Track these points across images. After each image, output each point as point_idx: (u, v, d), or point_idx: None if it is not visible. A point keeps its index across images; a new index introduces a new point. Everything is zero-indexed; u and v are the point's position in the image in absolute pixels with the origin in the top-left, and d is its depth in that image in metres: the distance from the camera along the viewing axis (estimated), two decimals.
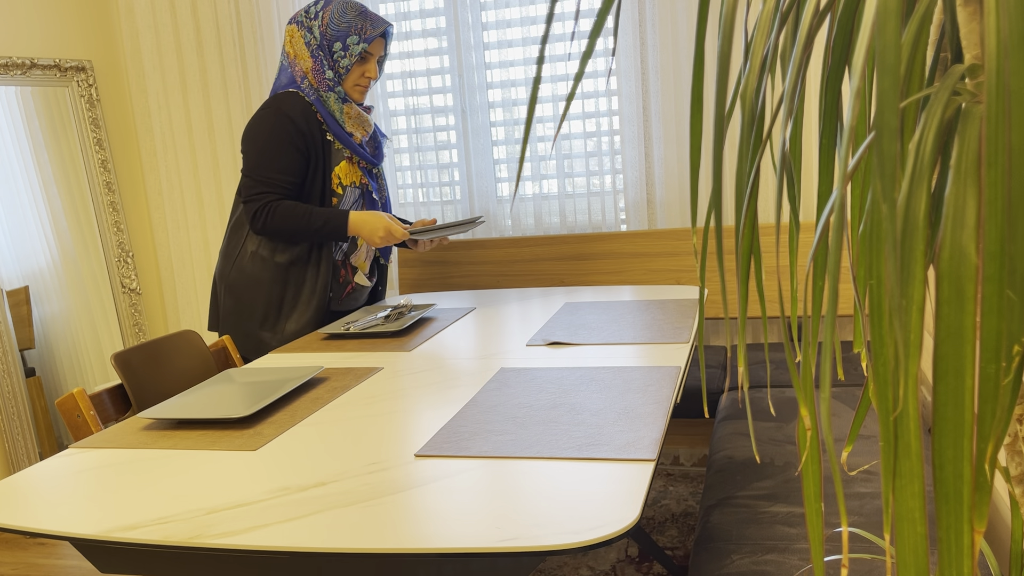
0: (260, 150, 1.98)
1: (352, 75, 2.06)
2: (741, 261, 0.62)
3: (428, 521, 0.93)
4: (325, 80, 2.04)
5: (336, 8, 2.03)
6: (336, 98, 2.06)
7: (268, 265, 2.03)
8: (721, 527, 1.40)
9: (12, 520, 1.02)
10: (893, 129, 0.44)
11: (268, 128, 1.98)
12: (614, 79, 2.62)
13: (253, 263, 2.03)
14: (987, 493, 0.47)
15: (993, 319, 0.46)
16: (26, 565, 2.34)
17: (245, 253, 2.05)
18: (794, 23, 0.64)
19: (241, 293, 2.04)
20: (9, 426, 2.56)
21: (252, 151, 1.99)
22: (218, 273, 2.11)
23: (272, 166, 1.98)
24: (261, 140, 1.98)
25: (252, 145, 2.00)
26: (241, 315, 2.04)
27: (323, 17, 2.03)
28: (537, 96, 0.58)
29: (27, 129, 2.65)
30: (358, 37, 2.02)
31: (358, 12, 2.04)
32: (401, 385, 1.47)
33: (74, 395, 1.46)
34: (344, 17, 2.02)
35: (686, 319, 1.78)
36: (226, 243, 2.10)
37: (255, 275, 2.03)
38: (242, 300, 2.04)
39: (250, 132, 2.01)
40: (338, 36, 2.02)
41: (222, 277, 2.08)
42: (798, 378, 0.56)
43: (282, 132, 1.98)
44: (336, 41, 2.02)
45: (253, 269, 2.03)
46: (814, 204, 2.57)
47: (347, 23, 2.02)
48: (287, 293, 2.04)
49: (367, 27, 2.03)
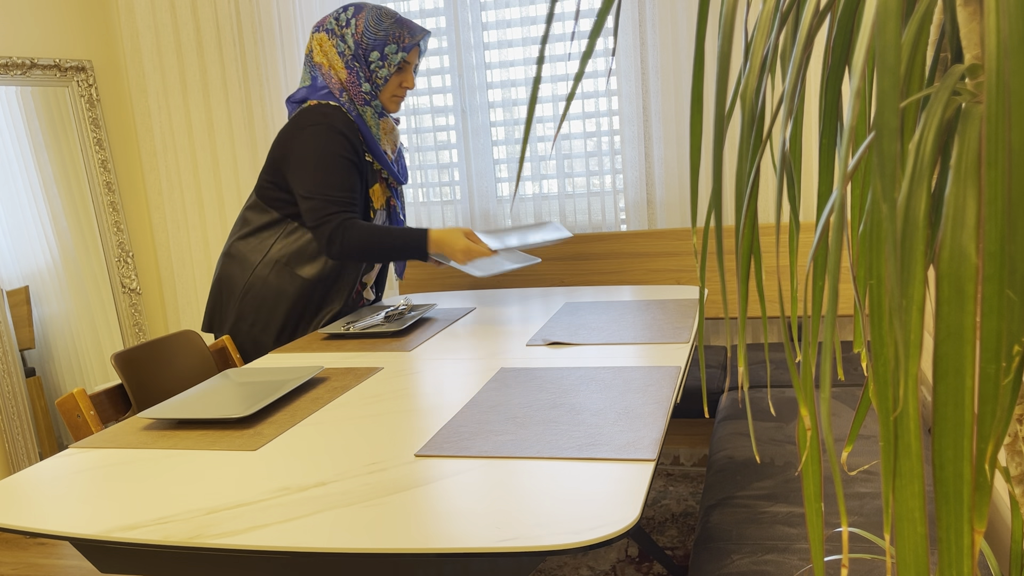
0: (323, 169, 1.87)
1: (390, 86, 1.97)
2: (741, 261, 0.62)
3: (428, 521, 0.93)
4: (362, 94, 1.95)
5: (370, 16, 1.93)
6: (373, 112, 1.97)
7: (294, 279, 1.95)
8: (721, 527, 1.40)
9: (12, 520, 1.02)
10: (893, 129, 0.44)
11: (325, 145, 1.88)
12: (614, 79, 2.62)
13: (279, 276, 1.95)
14: (987, 493, 0.47)
15: (993, 319, 0.46)
16: (26, 565, 2.34)
17: (269, 263, 1.96)
18: (794, 23, 0.64)
19: (260, 304, 1.96)
20: (9, 426, 2.56)
21: (311, 171, 1.88)
22: (227, 277, 2.01)
23: (339, 184, 1.88)
24: (320, 158, 1.88)
25: (308, 164, 1.88)
26: (256, 325, 1.97)
27: (356, 25, 1.93)
28: (537, 96, 0.58)
29: (27, 129, 2.65)
30: (396, 46, 1.92)
31: (394, 19, 1.94)
32: (401, 385, 1.47)
33: (74, 395, 1.46)
34: (380, 25, 1.92)
35: (686, 319, 1.78)
36: (243, 247, 2.00)
37: (279, 287, 1.95)
38: (260, 311, 1.96)
39: (303, 150, 1.90)
40: (375, 45, 1.92)
41: (233, 281, 1.99)
42: (798, 378, 0.56)
43: (340, 148, 1.89)
44: (373, 51, 1.93)
45: (279, 282, 1.95)
46: (814, 204, 2.57)
47: (384, 31, 1.92)
48: (308, 308, 1.98)
49: (405, 35, 1.93)
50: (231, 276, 2.00)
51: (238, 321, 1.99)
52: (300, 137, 1.90)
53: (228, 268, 2.01)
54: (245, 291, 1.98)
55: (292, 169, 1.91)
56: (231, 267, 2.01)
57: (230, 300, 2.00)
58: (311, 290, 1.97)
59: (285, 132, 1.95)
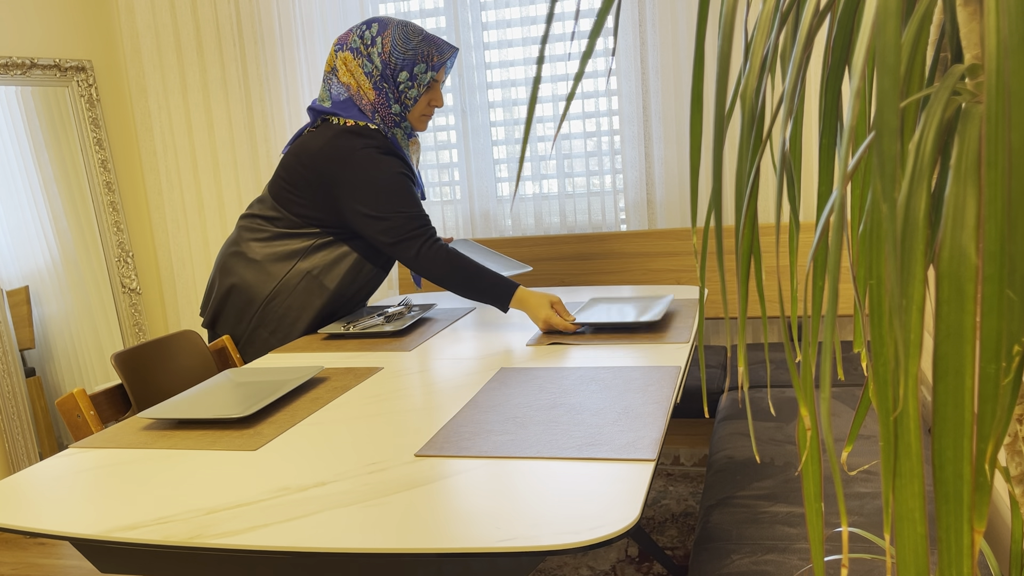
0: (392, 188, 1.84)
1: (419, 106, 1.93)
2: (741, 261, 0.62)
3: (428, 521, 0.93)
4: (391, 115, 1.90)
5: (397, 34, 1.87)
6: (403, 134, 1.94)
7: (323, 291, 1.92)
8: (721, 527, 1.40)
9: (12, 520, 1.02)
10: (893, 129, 0.44)
11: (387, 165, 1.84)
12: (614, 79, 2.62)
13: (308, 287, 1.91)
14: (987, 493, 0.48)
15: (993, 319, 0.46)
16: (26, 565, 2.34)
17: (299, 273, 1.91)
18: (794, 23, 0.64)
19: (285, 313, 1.92)
20: (9, 426, 2.56)
21: (379, 191, 1.84)
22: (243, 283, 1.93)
23: (413, 201, 1.85)
24: (386, 178, 1.83)
25: (373, 186, 1.84)
26: (276, 334, 1.93)
27: (383, 44, 1.86)
28: (537, 96, 0.58)
29: (27, 129, 2.65)
30: (425, 65, 1.87)
31: (422, 37, 1.88)
32: (401, 385, 1.47)
33: (74, 395, 1.46)
34: (408, 44, 1.86)
35: (686, 319, 1.78)
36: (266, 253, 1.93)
37: (307, 299, 1.92)
38: (284, 320, 1.92)
39: (363, 173, 1.84)
40: (404, 65, 1.87)
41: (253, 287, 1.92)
42: (798, 378, 0.56)
43: (399, 167, 1.86)
44: (402, 71, 1.87)
45: (307, 293, 1.91)
46: (814, 204, 2.57)
47: (413, 50, 1.86)
48: (328, 320, 1.97)
49: (434, 54, 1.88)
50: (247, 281, 1.93)
51: (258, 328, 1.93)
52: (353, 159, 1.84)
53: (245, 273, 1.93)
54: (270, 298, 1.91)
55: (352, 191, 1.85)
56: (249, 271, 1.93)
57: (248, 305, 1.93)
58: (336, 302, 1.95)
59: (326, 152, 1.86)
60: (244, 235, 1.96)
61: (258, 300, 1.93)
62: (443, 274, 1.82)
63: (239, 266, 1.94)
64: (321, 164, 1.86)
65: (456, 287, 1.83)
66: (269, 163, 2.93)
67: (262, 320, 1.93)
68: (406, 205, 1.84)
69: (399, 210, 1.83)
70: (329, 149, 1.86)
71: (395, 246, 1.85)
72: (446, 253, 1.82)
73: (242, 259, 1.94)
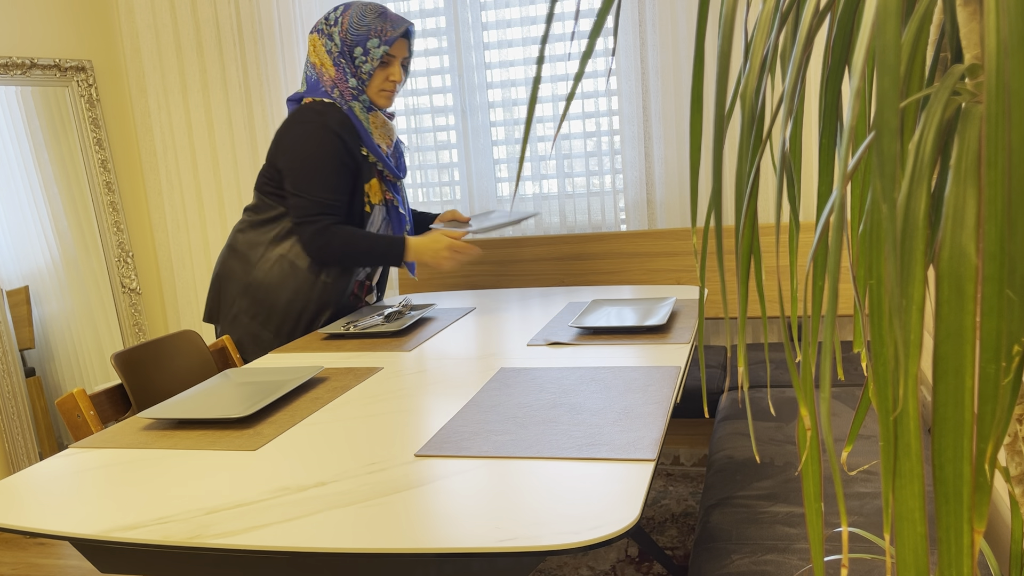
0: (312, 168, 1.93)
1: (376, 80, 2.01)
2: (741, 261, 0.62)
3: (428, 521, 0.93)
4: (349, 89, 1.99)
5: (355, 12, 1.98)
6: (361, 107, 2.01)
7: (297, 273, 1.99)
8: (721, 527, 1.40)
9: (12, 520, 1.02)
10: (893, 129, 0.44)
11: (317, 144, 1.93)
12: (614, 79, 2.62)
13: (281, 269, 1.99)
14: (987, 493, 0.47)
15: (993, 319, 0.46)
16: (26, 565, 2.34)
17: (271, 257, 2.00)
18: (794, 23, 0.64)
19: (262, 297, 1.99)
20: (9, 426, 2.56)
21: (300, 168, 1.94)
22: (227, 270, 2.03)
23: (326, 185, 1.94)
24: (311, 157, 1.93)
25: (300, 162, 1.94)
26: (256, 318, 1.99)
27: (342, 23, 1.98)
28: (537, 96, 0.58)
29: (27, 129, 2.65)
30: (378, 40, 1.96)
31: (377, 14, 1.98)
32: (401, 385, 1.47)
33: (74, 395, 1.46)
34: (363, 20, 1.97)
35: (686, 319, 1.78)
36: (245, 241, 2.03)
37: (281, 282, 1.99)
38: (262, 304, 1.99)
39: (296, 146, 1.95)
40: (358, 41, 1.97)
41: (235, 275, 2.02)
42: (798, 378, 0.56)
43: (332, 149, 1.94)
44: (357, 46, 1.97)
45: (280, 275, 1.99)
46: (814, 204, 2.57)
47: (366, 26, 1.96)
48: (309, 303, 2.00)
49: (387, 28, 1.97)
50: (232, 269, 2.04)
51: (240, 314, 2.01)
52: (293, 132, 1.96)
53: (229, 262, 2.05)
54: (247, 284, 2.01)
55: (285, 165, 1.97)
56: (232, 260, 2.04)
57: (232, 292, 2.03)
58: (311, 284, 2.00)
59: (281, 129, 2.01)
60: (234, 229, 2.09)
61: (239, 286, 2.02)
62: (334, 257, 1.95)
63: (224, 257, 2.07)
64: (276, 138, 2.01)
65: (354, 265, 1.97)
66: None
67: (243, 306, 2.01)
68: (318, 188, 1.93)
69: (310, 191, 1.94)
70: (284, 123, 2.01)
71: (296, 227, 1.96)
72: (336, 240, 1.93)
73: (228, 250, 2.07)
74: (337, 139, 1.94)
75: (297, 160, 1.94)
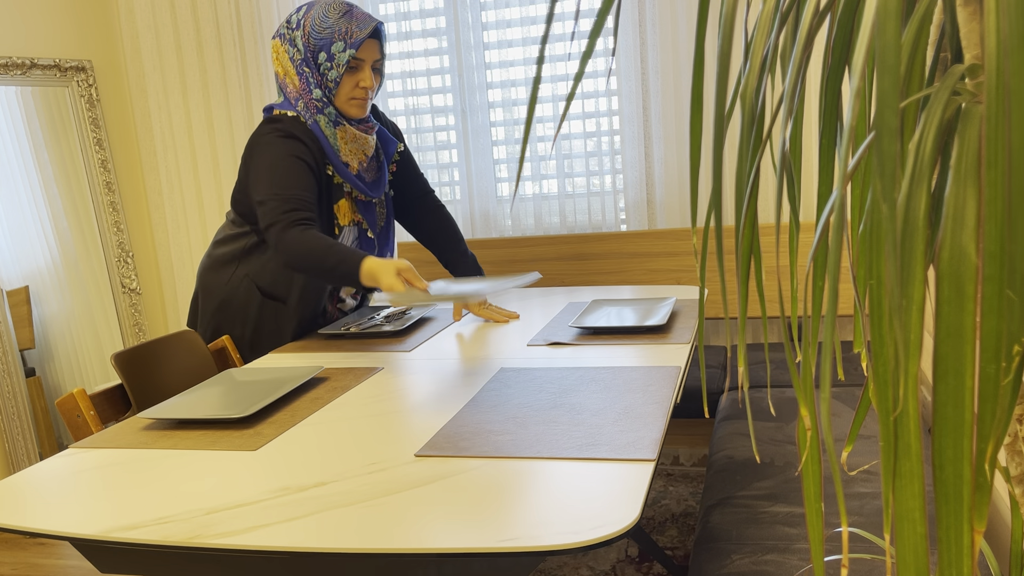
0: (275, 171, 1.72)
1: (344, 88, 1.77)
2: (741, 261, 0.62)
3: (428, 521, 0.93)
4: (313, 101, 1.77)
5: (317, 12, 1.75)
6: (327, 121, 1.79)
7: (255, 295, 1.87)
8: (721, 527, 1.40)
9: (12, 520, 1.02)
10: (893, 129, 0.44)
11: (276, 149, 1.74)
12: (614, 79, 2.62)
13: (245, 289, 1.87)
14: (987, 493, 0.47)
15: (993, 319, 0.46)
16: (26, 565, 2.34)
17: (238, 276, 1.88)
18: (794, 23, 0.64)
19: (229, 314, 1.89)
20: (9, 426, 2.56)
21: (263, 175, 1.73)
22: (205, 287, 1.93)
23: (291, 183, 1.71)
24: (273, 161, 1.73)
25: (262, 170, 1.73)
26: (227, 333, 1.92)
27: (304, 26, 1.75)
28: (537, 96, 0.58)
29: (27, 129, 2.65)
30: (343, 43, 1.72)
31: (342, 13, 1.74)
32: (401, 385, 1.47)
33: (74, 395, 1.46)
34: (326, 21, 1.73)
35: (686, 319, 1.78)
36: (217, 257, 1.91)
37: (243, 301, 1.88)
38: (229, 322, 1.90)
39: (258, 159, 1.76)
40: (321, 45, 1.73)
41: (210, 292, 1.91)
42: (798, 378, 0.56)
43: (294, 150, 1.74)
44: (320, 51, 1.74)
45: (244, 295, 1.87)
46: (814, 204, 2.57)
47: (329, 28, 1.73)
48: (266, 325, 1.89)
49: (352, 29, 1.73)
50: (208, 285, 1.92)
51: (215, 334, 1.92)
52: (257, 146, 1.77)
53: (206, 277, 1.93)
54: (221, 303, 1.90)
55: (250, 180, 1.77)
56: (208, 276, 1.92)
57: (207, 310, 1.92)
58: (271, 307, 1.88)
59: (248, 144, 1.83)
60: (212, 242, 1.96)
61: (212, 304, 1.91)
62: (296, 259, 1.65)
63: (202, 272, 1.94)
64: (243, 159, 1.83)
65: (309, 272, 1.66)
66: None
67: (217, 326, 1.91)
68: (284, 187, 1.70)
69: (276, 192, 1.70)
70: (248, 142, 1.82)
71: (266, 232, 1.70)
72: (299, 242, 1.65)
73: (206, 260, 1.94)
74: (298, 142, 1.75)
75: (260, 169, 1.74)
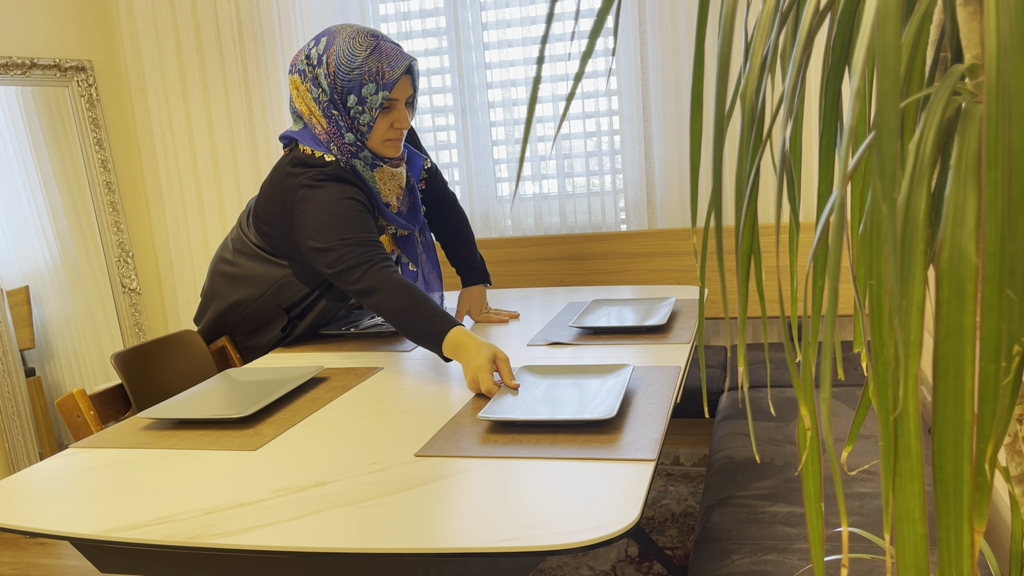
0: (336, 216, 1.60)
1: (378, 131, 1.65)
2: (741, 261, 0.62)
3: (428, 521, 0.93)
4: (346, 146, 1.66)
5: (343, 50, 1.61)
6: (364, 165, 1.69)
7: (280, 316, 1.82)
8: (721, 527, 1.40)
9: (12, 520, 1.02)
10: (893, 129, 0.44)
11: (331, 193, 1.62)
12: (614, 79, 2.62)
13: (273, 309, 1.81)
14: (987, 493, 0.47)
15: (993, 319, 0.46)
16: (26, 565, 2.34)
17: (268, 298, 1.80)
18: (794, 23, 0.64)
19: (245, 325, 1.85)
20: (9, 426, 2.56)
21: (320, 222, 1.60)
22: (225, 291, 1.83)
23: (358, 228, 1.60)
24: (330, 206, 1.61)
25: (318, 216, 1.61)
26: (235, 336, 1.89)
27: (328, 64, 1.61)
28: (537, 96, 0.58)
29: (27, 129, 2.65)
30: (375, 85, 1.60)
31: (370, 51, 1.61)
32: (401, 385, 1.46)
33: (74, 395, 1.46)
34: (354, 62, 1.60)
35: (686, 319, 1.78)
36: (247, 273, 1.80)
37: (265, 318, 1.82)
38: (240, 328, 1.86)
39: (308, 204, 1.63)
40: (350, 88, 1.61)
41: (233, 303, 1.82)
42: (798, 378, 0.56)
43: (350, 192, 1.63)
44: (350, 94, 1.61)
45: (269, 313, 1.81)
46: (814, 204, 2.57)
47: (358, 68, 1.60)
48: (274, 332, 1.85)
49: (384, 69, 1.60)
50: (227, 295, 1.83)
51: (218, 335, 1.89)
52: (297, 195, 1.65)
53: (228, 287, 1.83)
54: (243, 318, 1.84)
55: (300, 227, 1.64)
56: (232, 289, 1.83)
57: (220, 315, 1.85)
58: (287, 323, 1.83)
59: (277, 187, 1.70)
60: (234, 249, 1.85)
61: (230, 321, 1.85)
62: (390, 298, 1.52)
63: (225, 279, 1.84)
64: (273, 199, 1.71)
65: (395, 314, 1.51)
66: (269, 163, 2.93)
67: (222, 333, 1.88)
68: (352, 231, 1.59)
69: (344, 237, 1.58)
70: (279, 182, 1.69)
71: (340, 276, 1.58)
72: (391, 279, 1.54)
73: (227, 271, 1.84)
74: (351, 185, 1.65)
75: (313, 215, 1.62)
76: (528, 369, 1.40)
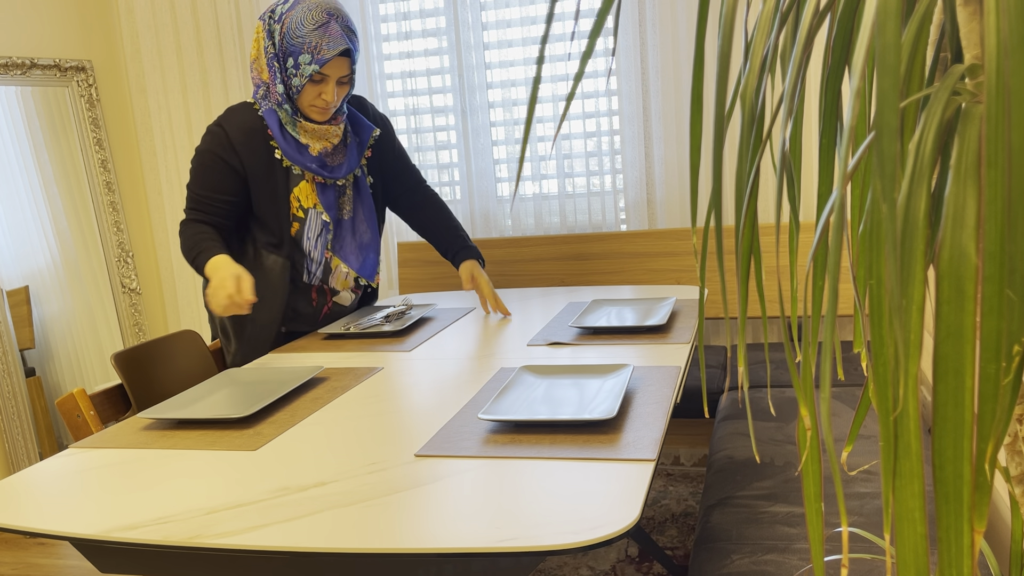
0: (195, 165, 1.84)
1: (305, 96, 1.81)
2: (741, 261, 0.62)
3: (428, 521, 0.93)
4: (275, 94, 1.83)
5: (298, 15, 1.76)
6: (287, 116, 1.85)
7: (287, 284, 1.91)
8: (721, 527, 1.40)
9: (12, 520, 1.02)
10: (893, 129, 0.44)
11: (205, 143, 1.84)
12: (614, 79, 2.62)
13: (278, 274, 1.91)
14: (987, 493, 0.48)
15: (993, 319, 0.46)
16: (26, 565, 2.34)
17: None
18: (794, 23, 0.64)
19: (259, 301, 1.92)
20: (9, 426, 2.56)
21: (192, 165, 1.86)
22: None
23: (199, 183, 1.83)
24: (197, 156, 1.84)
25: (193, 159, 1.86)
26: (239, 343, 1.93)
27: (283, 23, 1.77)
28: (537, 96, 0.58)
29: (27, 129, 2.65)
30: (310, 56, 1.75)
31: (318, 25, 1.75)
32: (401, 385, 1.47)
33: (74, 395, 1.46)
34: (301, 29, 1.75)
35: (686, 319, 1.78)
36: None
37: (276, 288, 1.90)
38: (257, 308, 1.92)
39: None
40: (291, 51, 1.77)
41: None
42: (798, 378, 0.56)
43: (215, 147, 1.82)
44: (289, 56, 1.78)
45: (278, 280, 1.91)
46: (814, 204, 2.57)
47: (302, 37, 1.75)
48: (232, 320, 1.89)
49: (322, 46, 1.75)
50: None
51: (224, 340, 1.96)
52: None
53: None
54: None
55: None
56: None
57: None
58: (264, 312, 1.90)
59: None
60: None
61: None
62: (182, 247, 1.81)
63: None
64: None
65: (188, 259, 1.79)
66: None
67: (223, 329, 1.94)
68: (194, 185, 1.84)
69: (189, 187, 1.85)
70: None
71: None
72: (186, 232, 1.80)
73: None
74: (223, 137, 1.82)
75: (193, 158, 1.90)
76: (528, 369, 1.40)
